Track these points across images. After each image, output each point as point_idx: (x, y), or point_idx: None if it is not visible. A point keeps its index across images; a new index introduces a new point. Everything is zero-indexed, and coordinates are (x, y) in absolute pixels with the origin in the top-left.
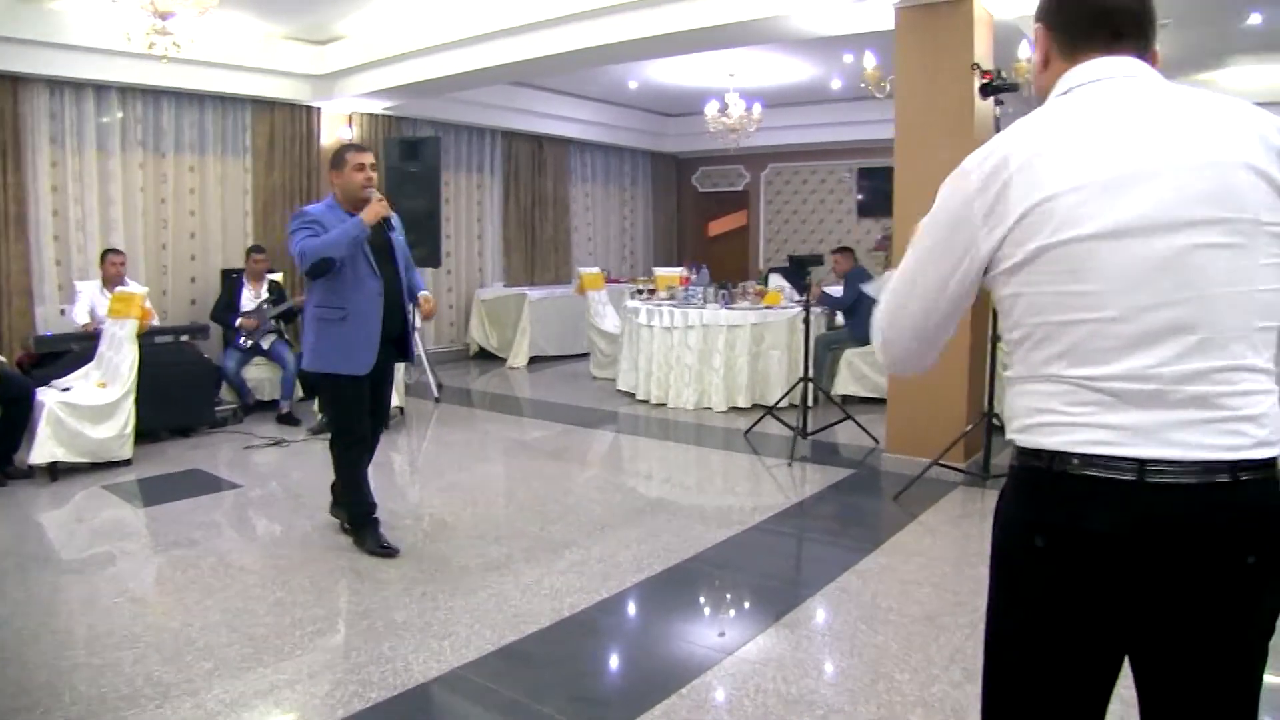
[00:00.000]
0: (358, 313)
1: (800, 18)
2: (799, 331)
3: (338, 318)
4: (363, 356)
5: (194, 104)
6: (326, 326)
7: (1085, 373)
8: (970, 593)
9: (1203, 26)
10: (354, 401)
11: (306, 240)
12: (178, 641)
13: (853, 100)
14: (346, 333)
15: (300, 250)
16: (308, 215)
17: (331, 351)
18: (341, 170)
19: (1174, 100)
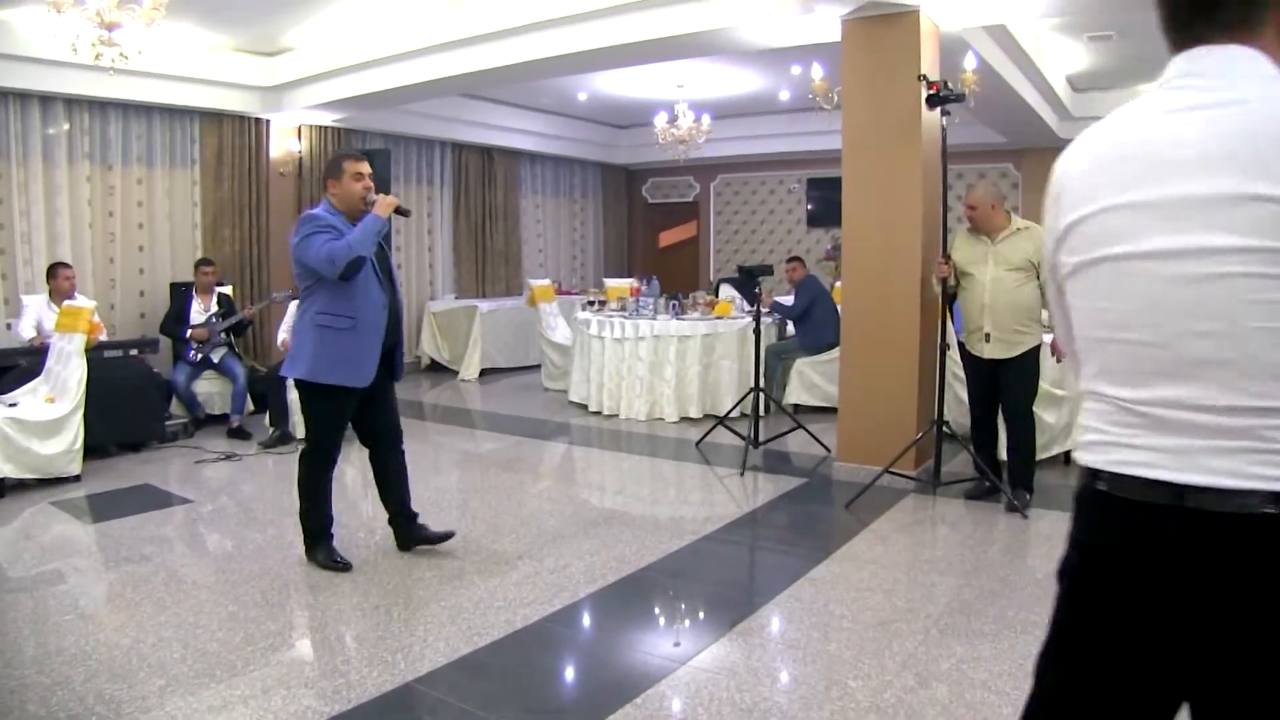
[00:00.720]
0: (365, 323)
1: (748, 30)
2: (750, 341)
3: (345, 327)
4: (367, 367)
5: (141, 116)
6: (331, 335)
7: (1122, 393)
8: (922, 599)
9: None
10: (342, 416)
11: (331, 243)
12: (129, 658)
13: (801, 111)
14: (353, 343)
15: (329, 253)
16: (321, 219)
17: (334, 362)
18: (339, 179)
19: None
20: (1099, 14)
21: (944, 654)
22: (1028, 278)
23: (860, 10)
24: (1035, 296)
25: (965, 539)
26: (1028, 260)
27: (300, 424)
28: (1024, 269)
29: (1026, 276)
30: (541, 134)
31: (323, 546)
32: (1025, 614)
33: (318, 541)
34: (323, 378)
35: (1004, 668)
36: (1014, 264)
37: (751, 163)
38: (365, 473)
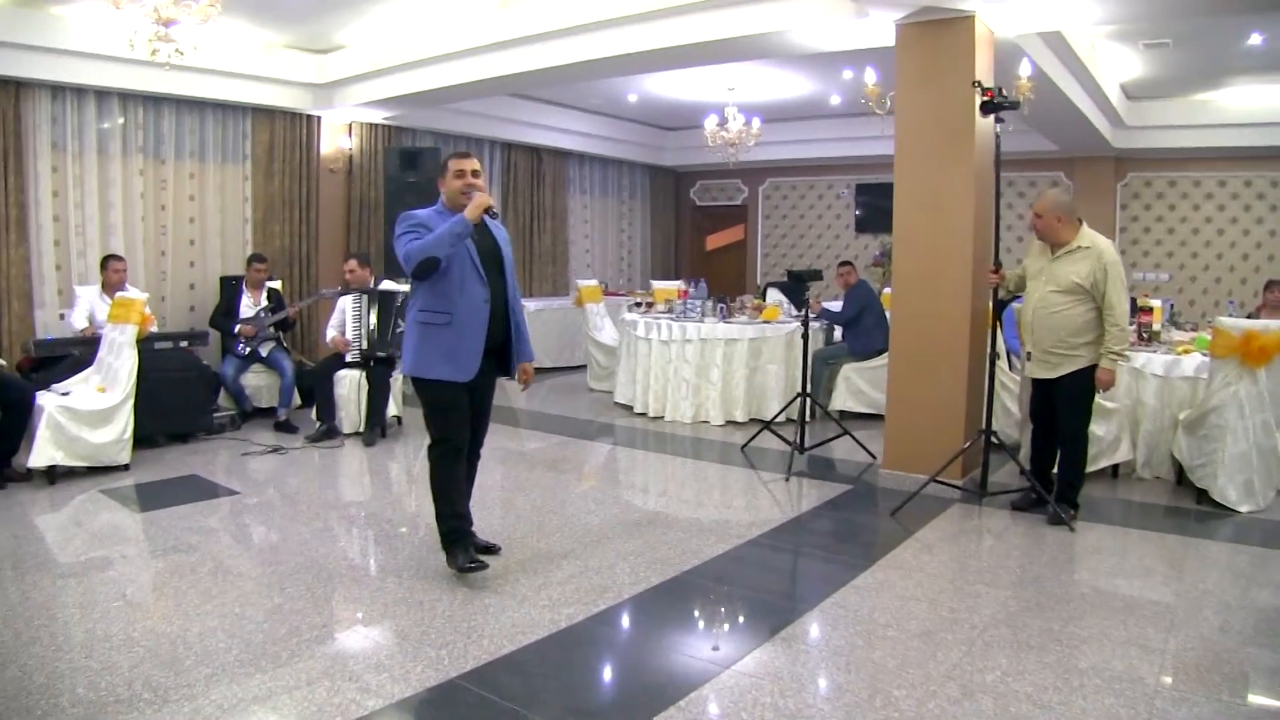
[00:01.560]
0: (462, 319)
1: (801, 33)
2: (797, 346)
3: (442, 322)
4: (467, 363)
5: (195, 111)
6: (430, 331)
7: None
8: (967, 609)
9: (1202, 46)
10: (454, 408)
11: (411, 243)
12: (175, 646)
13: (852, 116)
14: (451, 338)
15: (406, 253)
16: (414, 219)
17: (434, 357)
18: (444, 176)
19: None
20: (1155, 21)
21: (989, 665)
22: (1076, 300)
23: (915, 15)
24: (1082, 319)
25: (1011, 550)
26: (1076, 284)
27: (347, 419)
28: (1072, 292)
29: (1075, 299)
30: (590, 135)
31: (460, 547)
32: (1071, 627)
33: (454, 541)
34: (425, 372)
35: (1049, 681)
36: (1062, 285)
37: (800, 167)
38: (410, 468)
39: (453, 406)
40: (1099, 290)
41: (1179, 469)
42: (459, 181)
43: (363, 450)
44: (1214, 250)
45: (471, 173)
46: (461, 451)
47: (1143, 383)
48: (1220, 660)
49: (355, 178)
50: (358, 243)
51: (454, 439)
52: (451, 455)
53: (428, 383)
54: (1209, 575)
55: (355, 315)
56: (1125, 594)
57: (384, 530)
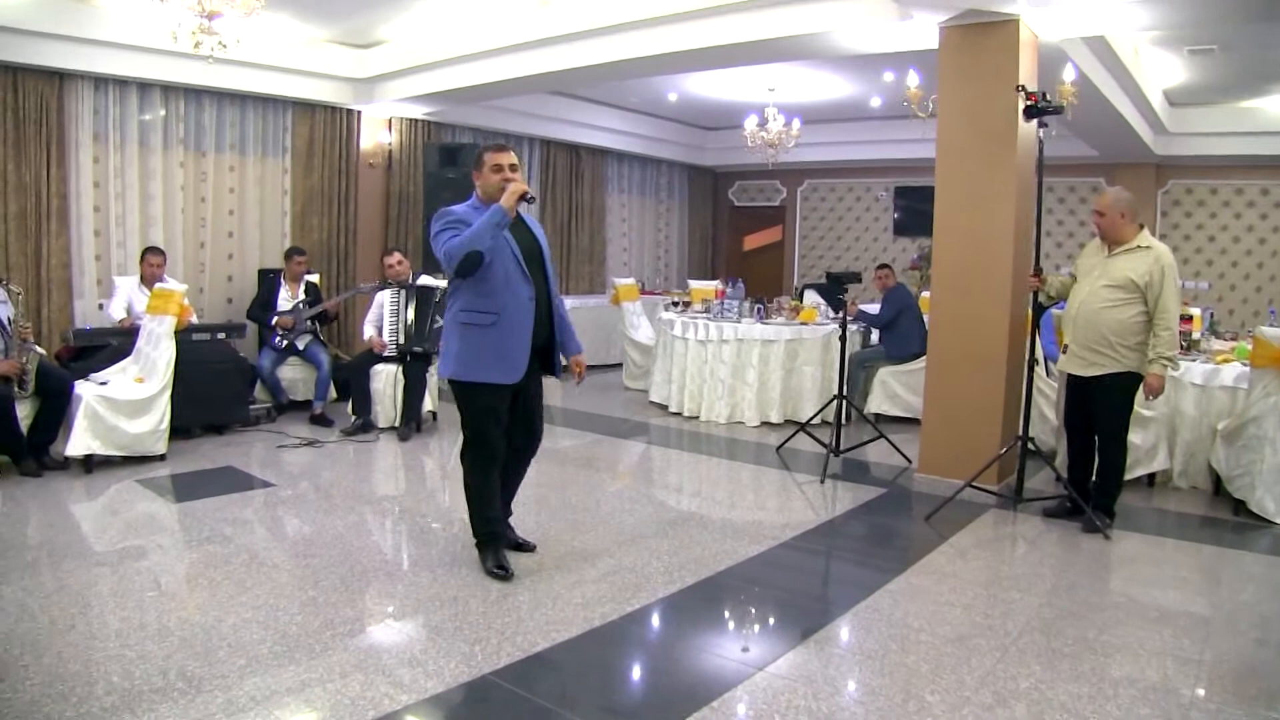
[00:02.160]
0: (509, 318)
1: (843, 35)
2: (833, 348)
3: (488, 323)
4: (514, 365)
5: (235, 104)
6: (473, 332)
7: None
8: (1001, 615)
9: (1247, 52)
10: (492, 412)
11: (451, 240)
12: (209, 636)
13: (892, 118)
14: (497, 339)
15: (446, 250)
16: (451, 215)
17: (479, 358)
18: (480, 170)
19: None
20: (1202, 27)
21: (1022, 673)
22: (1127, 299)
23: (959, 19)
24: (1130, 319)
25: (1045, 557)
26: (1132, 280)
27: (382, 413)
28: (1125, 288)
29: (1126, 297)
30: (629, 133)
31: (491, 551)
32: (1106, 636)
33: (485, 545)
34: (471, 376)
35: (1083, 690)
36: (1115, 281)
37: (839, 169)
38: (445, 464)
39: (493, 411)
40: (1154, 291)
41: (1217, 479)
42: (497, 176)
43: (397, 445)
44: (1255, 259)
45: (510, 166)
46: (498, 459)
47: (1181, 392)
48: (1256, 673)
49: (394, 173)
50: (396, 238)
51: (491, 445)
52: (487, 462)
53: (470, 386)
54: (1246, 587)
55: (394, 310)
56: (1160, 604)
57: (418, 525)
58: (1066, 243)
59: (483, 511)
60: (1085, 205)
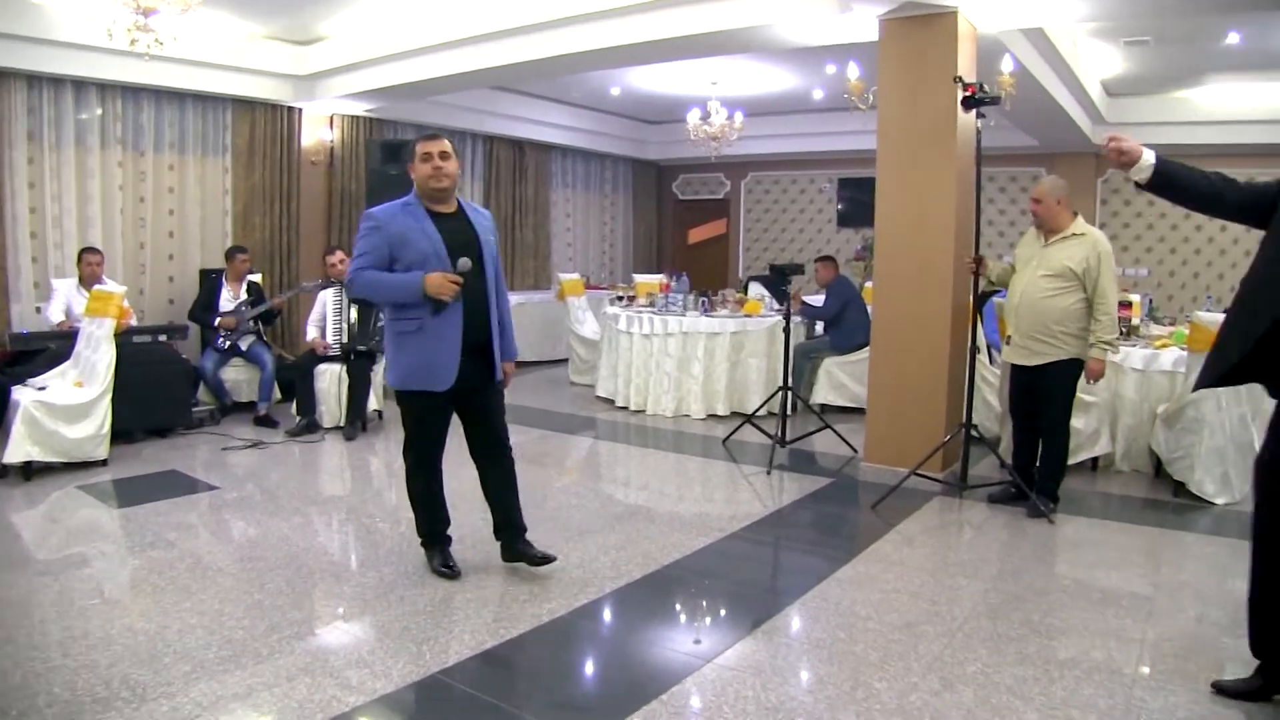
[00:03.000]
0: (433, 323)
1: (784, 27)
2: (778, 340)
3: (412, 329)
4: (443, 371)
5: (174, 102)
6: (403, 339)
7: None
8: (948, 601)
9: (1181, 44)
10: (428, 419)
11: (362, 271)
12: (154, 644)
13: (834, 110)
14: (423, 345)
15: (352, 276)
16: (371, 220)
17: (410, 366)
18: (413, 161)
19: None
20: (1137, 19)
21: (969, 657)
22: (1066, 287)
23: (898, 11)
24: (1069, 307)
25: (991, 543)
26: (1069, 268)
27: (328, 413)
28: (1063, 276)
29: (1065, 285)
30: (573, 128)
31: (435, 551)
32: (1051, 619)
33: (430, 545)
34: (404, 384)
35: (1029, 672)
36: (1054, 270)
37: (783, 161)
38: (391, 463)
39: (427, 417)
40: (1091, 277)
41: (1157, 462)
42: (427, 166)
43: (343, 444)
44: (1192, 246)
45: (440, 154)
46: (435, 463)
47: (1122, 377)
48: (1197, 650)
49: (337, 170)
50: (339, 236)
51: (424, 454)
52: (423, 465)
53: (405, 394)
54: (1186, 566)
55: (336, 309)
56: (1104, 585)
57: (364, 525)
58: (1009, 231)
59: (423, 513)
60: (1026, 194)
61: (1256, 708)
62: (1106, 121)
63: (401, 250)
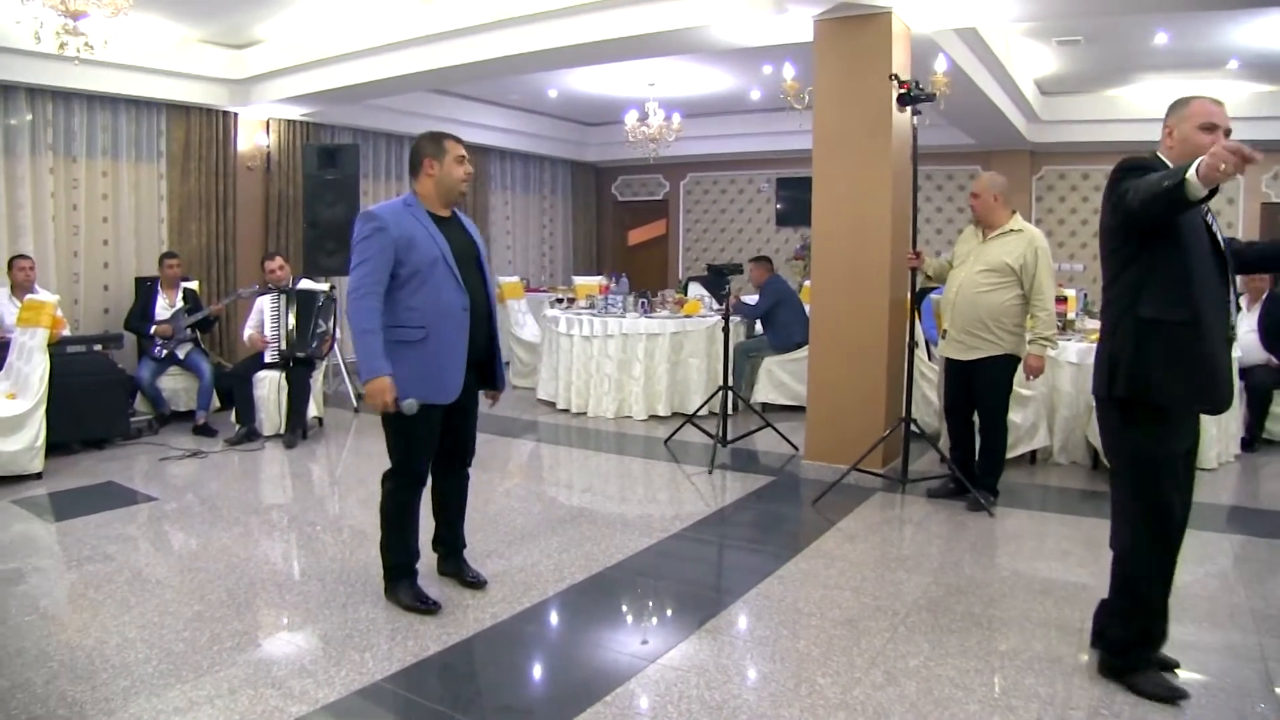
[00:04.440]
0: (441, 332)
1: (720, 28)
2: (718, 340)
3: (417, 338)
4: (450, 382)
5: (107, 107)
6: (403, 349)
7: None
8: (889, 596)
9: (1112, 44)
10: (426, 436)
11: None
12: (92, 659)
13: (772, 111)
14: (428, 356)
15: (356, 301)
16: (376, 219)
17: (411, 378)
18: (440, 159)
19: None
20: (1068, 19)
21: (912, 651)
22: (1003, 282)
23: (833, 11)
24: (1006, 302)
25: (932, 537)
26: (1007, 264)
27: (267, 421)
28: (1000, 272)
29: (1002, 280)
30: (511, 130)
31: (405, 585)
32: (992, 611)
33: (399, 578)
34: (401, 396)
35: (971, 664)
36: (991, 265)
37: (721, 161)
38: (333, 470)
39: (424, 434)
40: (1028, 274)
41: (1094, 454)
42: (460, 169)
43: (284, 452)
44: None
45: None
46: (422, 483)
47: (1058, 370)
48: None
49: (273, 175)
50: (276, 241)
51: (417, 470)
52: (410, 488)
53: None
54: None
55: (274, 315)
56: (1044, 576)
57: (306, 533)
58: (946, 229)
59: (403, 541)
60: (963, 192)
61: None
62: (1041, 119)
63: (408, 253)
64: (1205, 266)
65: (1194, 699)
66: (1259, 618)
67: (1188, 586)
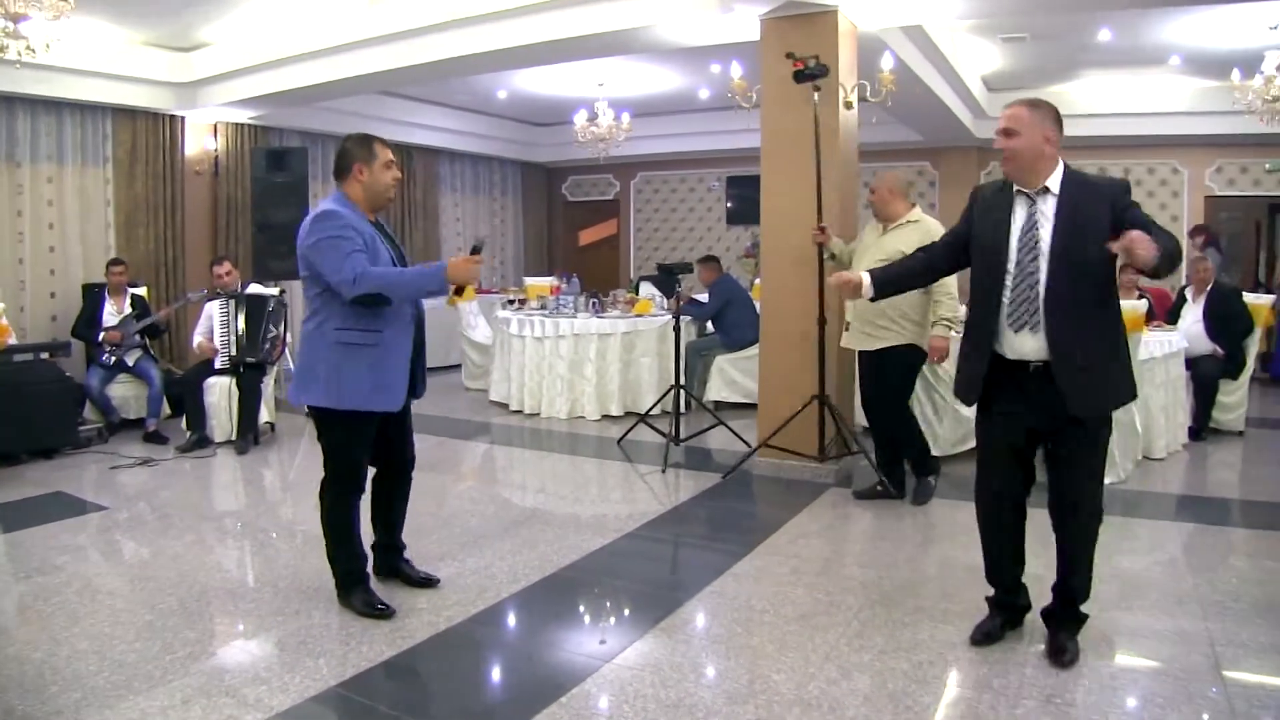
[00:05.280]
0: (394, 339)
1: (667, 28)
2: (670, 339)
3: (371, 342)
4: (395, 389)
5: (51, 112)
6: (355, 353)
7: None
8: (842, 591)
9: (1057, 41)
10: (364, 444)
11: (365, 267)
12: (41, 672)
13: (721, 110)
14: (378, 361)
15: (355, 277)
16: (343, 219)
17: (361, 384)
18: (370, 164)
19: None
20: (1013, 16)
21: (865, 645)
22: None
23: (779, 10)
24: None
25: (884, 532)
26: (902, 254)
27: (219, 427)
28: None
29: None
30: (460, 132)
31: (359, 590)
32: (943, 604)
33: (352, 585)
34: (347, 403)
35: (924, 656)
36: (888, 256)
37: (671, 161)
38: (285, 475)
39: (363, 442)
40: None
41: None
42: (388, 174)
43: (236, 458)
44: None
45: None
46: (361, 491)
47: None
48: (1087, 626)
49: (221, 179)
50: (225, 245)
51: (358, 477)
52: (349, 496)
53: (343, 415)
54: None
55: (224, 321)
56: None
57: (259, 540)
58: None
59: (349, 548)
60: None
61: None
62: (988, 115)
63: (374, 258)
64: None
65: (1146, 684)
66: (1206, 604)
67: (1138, 574)
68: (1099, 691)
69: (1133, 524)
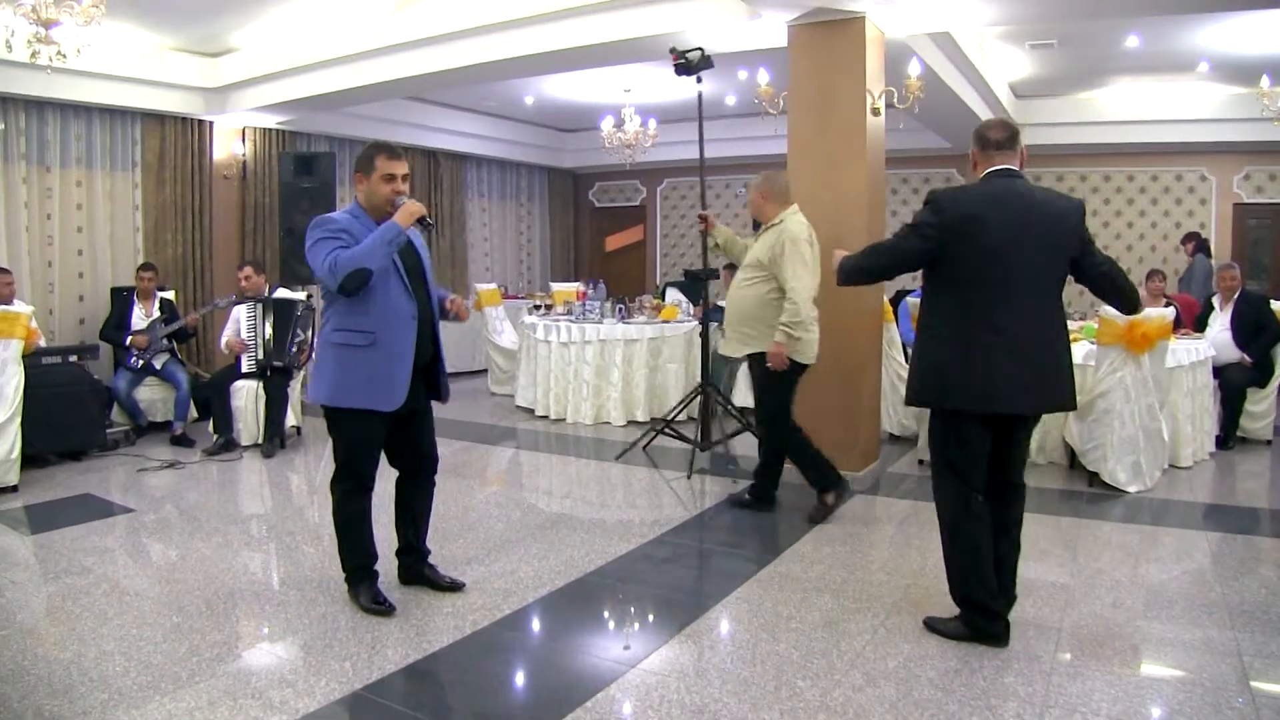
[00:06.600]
0: (388, 338)
1: (695, 35)
2: (696, 345)
3: (364, 343)
4: (395, 389)
5: (81, 116)
6: (350, 354)
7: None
8: (869, 598)
9: (1085, 47)
10: (369, 442)
11: (337, 252)
12: (69, 673)
13: (747, 116)
14: (375, 361)
15: (332, 263)
16: (332, 223)
17: (355, 383)
18: (368, 175)
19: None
20: (1041, 23)
21: (891, 652)
22: (759, 276)
23: (807, 17)
24: (764, 297)
25: (911, 538)
26: (758, 258)
27: (245, 430)
28: (755, 267)
29: (757, 275)
30: (487, 137)
31: (365, 587)
32: None
33: (357, 581)
34: (346, 401)
35: (950, 665)
36: (750, 260)
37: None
38: (311, 479)
39: (367, 440)
40: (776, 266)
41: (1071, 454)
42: (388, 187)
43: (262, 462)
44: (1100, 242)
45: (402, 177)
46: (369, 489)
47: None
48: (1113, 635)
49: (249, 184)
50: (253, 250)
51: (362, 476)
52: (357, 493)
53: (344, 412)
54: (1102, 554)
55: (250, 324)
56: (1023, 576)
57: (285, 543)
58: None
59: (354, 544)
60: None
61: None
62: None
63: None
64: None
65: (1172, 694)
66: (1234, 613)
67: (1165, 583)
68: (1125, 700)
69: (1159, 533)
